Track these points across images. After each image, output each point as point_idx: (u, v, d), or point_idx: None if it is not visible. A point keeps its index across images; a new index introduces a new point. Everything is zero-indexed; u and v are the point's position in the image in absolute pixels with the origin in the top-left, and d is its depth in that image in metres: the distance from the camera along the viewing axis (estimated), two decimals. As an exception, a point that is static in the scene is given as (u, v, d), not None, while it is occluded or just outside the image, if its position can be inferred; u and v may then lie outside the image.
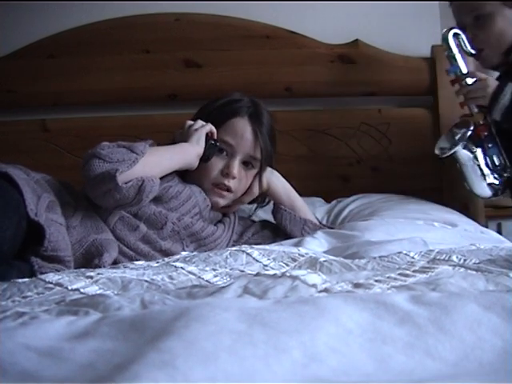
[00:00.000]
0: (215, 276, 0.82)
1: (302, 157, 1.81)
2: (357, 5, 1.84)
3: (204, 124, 1.27)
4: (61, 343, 0.48)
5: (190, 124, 1.28)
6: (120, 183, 1.04)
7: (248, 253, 0.94)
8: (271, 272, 0.81)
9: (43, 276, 0.78)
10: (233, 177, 1.27)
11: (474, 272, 0.74)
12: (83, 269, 0.91)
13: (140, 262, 0.96)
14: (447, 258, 0.88)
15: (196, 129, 1.25)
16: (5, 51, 1.82)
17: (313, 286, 0.64)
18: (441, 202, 1.66)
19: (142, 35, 1.82)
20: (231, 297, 0.62)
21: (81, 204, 1.14)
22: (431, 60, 1.81)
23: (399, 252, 0.92)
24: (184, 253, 1.04)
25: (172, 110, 1.82)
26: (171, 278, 0.79)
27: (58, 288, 0.73)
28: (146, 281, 0.76)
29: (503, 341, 0.49)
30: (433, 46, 1.81)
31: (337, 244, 1.15)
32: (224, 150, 1.29)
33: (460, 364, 0.46)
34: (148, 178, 1.09)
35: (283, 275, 0.67)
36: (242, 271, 0.86)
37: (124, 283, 0.75)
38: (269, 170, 1.34)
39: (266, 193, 1.36)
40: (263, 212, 1.46)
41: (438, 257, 0.88)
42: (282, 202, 1.36)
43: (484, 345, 0.48)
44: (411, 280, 0.72)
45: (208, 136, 1.26)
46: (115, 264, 1.05)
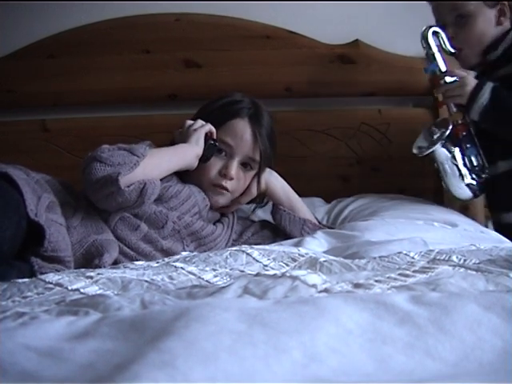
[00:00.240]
0: (215, 276, 0.82)
1: (302, 157, 1.81)
2: (357, 5, 1.84)
3: (203, 124, 1.27)
4: (61, 343, 0.48)
5: (190, 124, 1.27)
6: (122, 187, 1.05)
7: (248, 253, 0.94)
8: (271, 272, 0.81)
9: (43, 276, 0.78)
10: (230, 178, 1.27)
11: (474, 272, 0.74)
12: (83, 269, 0.91)
13: (140, 262, 0.96)
14: (447, 258, 0.88)
15: (195, 129, 1.25)
16: (5, 51, 1.82)
17: (313, 286, 0.64)
18: (441, 202, 1.66)
19: (142, 35, 1.81)
20: (231, 297, 0.62)
21: (81, 204, 1.14)
22: (431, 60, 1.81)
23: (399, 252, 0.92)
24: (184, 253, 1.04)
25: (172, 110, 1.82)
26: (171, 278, 0.79)
27: (58, 288, 0.73)
28: (146, 281, 0.76)
29: (503, 341, 0.49)
30: (433, 47, 1.81)
31: (337, 244, 1.15)
32: (223, 151, 1.29)
33: (460, 364, 0.46)
34: (149, 181, 1.09)
35: (283, 275, 0.67)
36: (242, 271, 0.86)
37: (124, 283, 0.75)
38: (267, 171, 1.34)
39: (265, 193, 1.36)
40: (263, 212, 1.46)
41: (438, 257, 0.88)
42: (281, 203, 1.36)
43: (484, 345, 0.48)
44: (411, 280, 0.72)
45: (207, 136, 1.26)
46: (116, 264, 1.05)
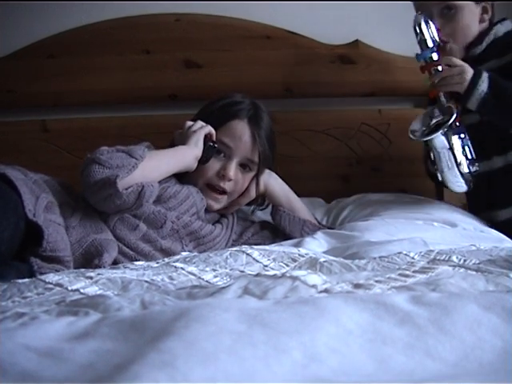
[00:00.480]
0: (215, 276, 0.82)
1: (302, 157, 1.81)
2: (357, 5, 1.84)
3: (203, 126, 1.27)
4: (61, 344, 0.48)
5: (190, 125, 1.27)
6: (120, 189, 1.05)
7: (248, 253, 0.94)
8: (271, 272, 0.81)
9: (43, 276, 0.78)
10: (229, 179, 1.27)
11: (474, 272, 0.74)
12: (83, 269, 0.91)
13: (140, 263, 0.96)
14: (447, 259, 0.88)
15: (195, 130, 1.25)
16: (5, 51, 1.81)
17: (313, 287, 0.64)
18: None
19: (143, 35, 1.81)
20: (231, 297, 0.62)
21: (80, 204, 1.14)
22: (431, 60, 1.81)
23: (399, 252, 0.92)
24: (184, 253, 1.04)
25: (172, 111, 1.82)
26: (171, 279, 0.79)
27: (58, 288, 0.73)
28: (146, 281, 0.76)
29: (503, 341, 0.49)
30: (433, 47, 1.81)
31: (337, 244, 1.15)
32: (222, 152, 1.29)
33: (460, 364, 0.46)
34: (147, 183, 1.09)
35: (283, 276, 0.67)
36: (242, 272, 0.86)
37: (124, 284, 0.75)
38: (267, 172, 1.34)
39: (264, 195, 1.36)
40: (262, 213, 1.46)
41: (438, 257, 0.88)
42: (281, 204, 1.35)
43: (484, 345, 0.48)
44: (411, 280, 0.72)
45: (207, 138, 1.26)
46: (115, 264, 1.05)
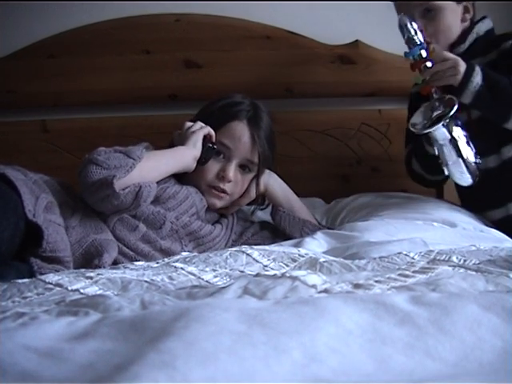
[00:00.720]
0: (215, 276, 0.82)
1: (302, 157, 1.81)
2: (357, 5, 1.84)
3: (202, 126, 1.26)
4: (61, 344, 0.48)
5: (189, 126, 1.27)
6: (117, 189, 1.05)
7: (248, 253, 0.94)
8: (271, 272, 0.81)
9: (43, 276, 0.78)
10: (228, 180, 1.27)
11: (474, 272, 0.74)
12: (83, 269, 0.91)
13: (140, 263, 0.96)
14: (447, 259, 0.88)
15: (194, 131, 1.25)
16: (5, 51, 1.81)
17: (313, 287, 0.64)
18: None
19: (143, 35, 1.81)
20: (231, 297, 0.62)
21: (80, 204, 1.14)
22: (431, 60, 1.81)
23: (399, 252, 0.92)
24: (184, 253, 1.04)
25: (172, 111, 1.82)
26: (171, 279, 0.79)
27: (58, 288, 0.73)
28: (146, 281, 0.76)
29: (503, 341, 0.49)
30: (433, 47, 1.81)
31: (336, 244, 1.14)
32: (221, 153, 1.29)
33: (460, 364, 0.46)
34: (145, 184, 1.09)
35: (283, 276, 0.67)
36: (242, 272, 0.86)
37: (124, 284, 0.75)
38: (267, 173, 1.34)
39: (264, 195, 1.36)
40: (262, 213, 1.46)
41: (438, 257, 0.88)
42: (281, 204, 1.35)
43: (484, 345, 0.48)
44: (411, 280, 0.72)
45: (206, 139, 1.26)
46: (115, 264, 1.05)
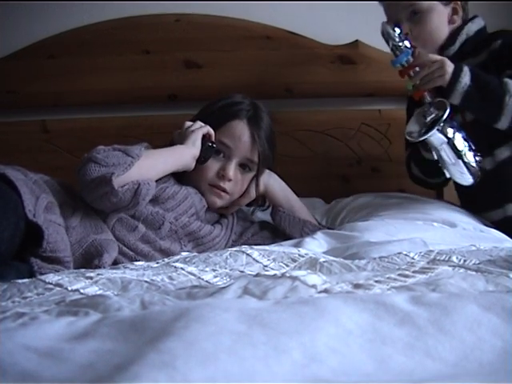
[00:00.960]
0: (215, 276, 0.82)
1: (302, 157, 1.81)
2: (357, 5, 1.84)
3: (202, 126, 1.27)
4: (61, 344, 0.48)
5: (188, 125, 1.28)
6: (116, 187, 1.05)
7: (248, 253, 0.94)
8: (271, 272, 0.81)
9: (43, 277, 0.78)
10: (228, 179, 1.27)
11: (474, 272, 0.74)
12: (83, 269, 0.91)
13: (140, 263, 0.96)
14: (447, 259, 0.88)
15: (193, 130, 1.25)
16: (5, 52, 1.82)
17: (313, 287, 0.64)
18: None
19: (143, 36, 1.81)
20: (231, 297, 0.62)
21: (80, 204, 1.14)
22: (431, 61, 1.81)
23: (399, 252, 0.92)
24: (184, 253, 1.04)
25: (172, 111, 1.82)
26: (171, 279, 0.79)
27: (58, 289, 0.73)
28: (146, 281, 0.76)
29: (503, 341, 0.49)
30: (433, 47, 1.80)
31: (336, 245, 1.14)
32: (221, 152, 1.29)
33: (460, 364, 0.46)
34: (144, 181, 1.09)
35: (283, 276, 0.67)
36: (242, 272, 0.86)
37: (124, 284, 0.75)
38: (267, 173, 1.34)
39: (264, 195, 1.36)
40: (262, 213, 1.46)
41: (438, 257, 0.88)
42: (281, 204, 1.35)
43: (484, 345, 0.48)
44: (411, 281, 0.72)
45: (206, 138, 1.26)
46: (116, 264, 1.05)
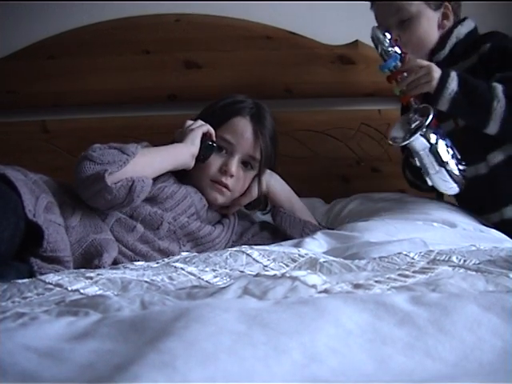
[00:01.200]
0: (215, 277, 0.82)
1: (302, 158, 1.81)
2: (357, 5, 1.83)
3: (202, 124, 1.27)
4: (61, 344, 0.48)
5: (189, 124, 1.28)
6: (109, 183, 1.05)
7: (248, 253, 0.94)
8: (271, 273, 0.81)
9: (43, 277, 0.78)
10: (231, 175, 1.27)
11: (474, 273, 0.74)
12: (83, 269, 0.91)
13: (140, 263, 0.96)
14: (447, 259, 0.88)
15: (192, 129, 1.25)
16: (5, 52, 1.82)
17: (312, 287, 0.64)
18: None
19: (143, 36, 1.81)
20: (231, 297, 0.62)
21: (79, 204, 1.13)
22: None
23: (399, 253, 0.92)
24: (184, 253, 1.04)
25: (172, 111, 1.82)
26: (171, 279, 0.79)
27: (58, 289, 0.73)
28: (146, 281, 0.76)
29: (503, 341, 0.49)
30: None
31: (336, 245, 1.14)
32: (224, 149, 1.29)
33: (460, 364, 0.46)
34: (138, 178, 1.09)
35: (283, 276, 0.67)
36: (242, 272, 0.86)
37: (124, 284, 0.75)
38: (268, 173, 1.34)
39: (266, 195, 1.36)
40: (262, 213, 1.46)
41: (438, 257, 0.88)
42: (282, 205, 1.35)
43: (484, 345, 0.48)
44: (411, 281, 0.72)
45: (206, 136, 1.26)
46: (115, 263, 1.05)
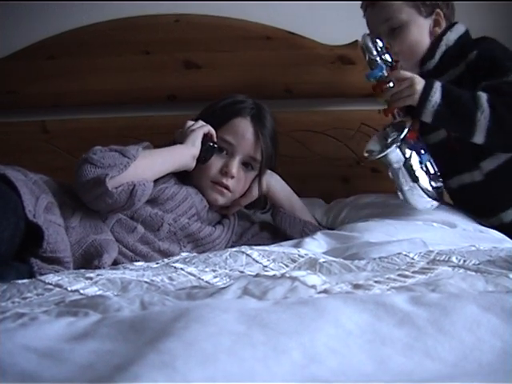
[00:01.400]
0: (215, 277, 0.82)
1: (302, 158, 1.81)
2: (356, 5, 1.82)
3: (203, 125, 1.27)
4: (60, 344, 0.48)
5: (189, 125, 1.27)
6: (110, 188, 1.04)
7: (248, 254, 0.94)
8: (271, 273, 0.81)
9: (43, 277, 0.78)
10: (231, 176, 1.27)
11: (474, 273, 0.74)
12: (83, 270, 0.91)
13: (140, 263, 0.96)
14: (447, 259, 0.88)
15: (193, 130, 1.25)
16: (5, 52, 1.82)
17: (312, 287, 0.64)
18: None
19: (142, 36, 1.81)
20: (231, 298, 0.62)
21: (79, 205, 1.13)
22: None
23: (399, 253, 0.92)
24: (184, 254, 1.04)
25: (171, 111, 1.82)
26: (171, 279, 0.79)
27: (58, 289, 0.73)
28: (146, 282, 0.76)
29: (502, 342, 0.49)
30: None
31: (336, 245, 1.14)
32: (224, 149, 1.28)
33: (459, 365, 0.46)
34: (139, 182, 1.08)
35: (283, 276, 0.67)
36: (242, 272, 0.86)
37: (124, 284, 0.75)
38: (268, 173, 1.34)
39: (266, 196, 1.36)
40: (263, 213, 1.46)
41: (438, 258, 0.88)
42: (282, 205, 1.35)
43: (483, 346, 0.48)
44: (411, 281, 0.72)
45: (207, 137, 1.26)
46: (116, 264, 1.05)
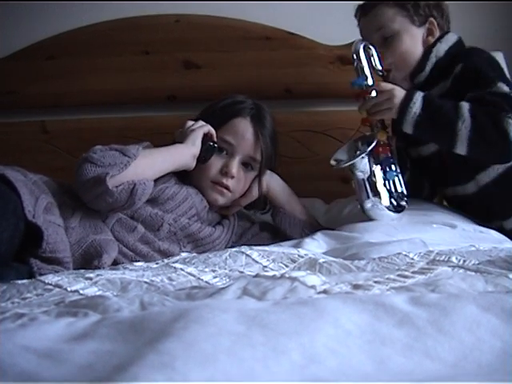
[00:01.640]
0: (214, 277, 0.82)
1: (302, 158, 1.81)
2: (357, 5, 1.84)
3: (203, 125, 1.27)
4: (60, 344, 0.48)
5: (190, 124, 1.27)
6: (111, 187, 1.04)
7: (247, 254, 0.94)
8: (270, 273, 0.81)
9: (42, 277, 0.78)
10: (231, 176, 1.27)
11: (474, 273, 0.74)
12: (82, 270, 0.91)
13: (139, 263, 0.96)
14: (446, 259, 0.88)
15: (193, 129, 1.25)
16: (5, 52, 1.82)
17: (312, 288, 0.64)
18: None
19: (142, 36, 1.81)
20: (230, 298, 0.62)
21: (79, 205, 1.13)
22: (431, 61, 1.81)
23: (398, 253, 0.92)
24: (184, 254, 1.04)
25: (171, 112, 1.82)
26: (170, 279, 0.79)
27: (58, 289, 0.73)
28: (146, 282, 0.76)
29: (502, 342, 0.49)
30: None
31: (336, 245, 1.14)
32: (224, 149, 1.28)
33: (459, 365, 0.46)
34: (140, 181, 1.08)
35: (282, 276, 0.67)
36: (242, 272, 0.86)
37: (123, 284, 0.75)
38: (268, 173, 1.34)
39: (266, 196, 1.36)
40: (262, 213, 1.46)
41: (438, 258, 0.88)
42: (282, 205, 1.35)
43: (483, 346, 0.48)
44: (410, 281, 0.72)
45: (207, 137, 1.26)
46: (116, 264, 1.05)
